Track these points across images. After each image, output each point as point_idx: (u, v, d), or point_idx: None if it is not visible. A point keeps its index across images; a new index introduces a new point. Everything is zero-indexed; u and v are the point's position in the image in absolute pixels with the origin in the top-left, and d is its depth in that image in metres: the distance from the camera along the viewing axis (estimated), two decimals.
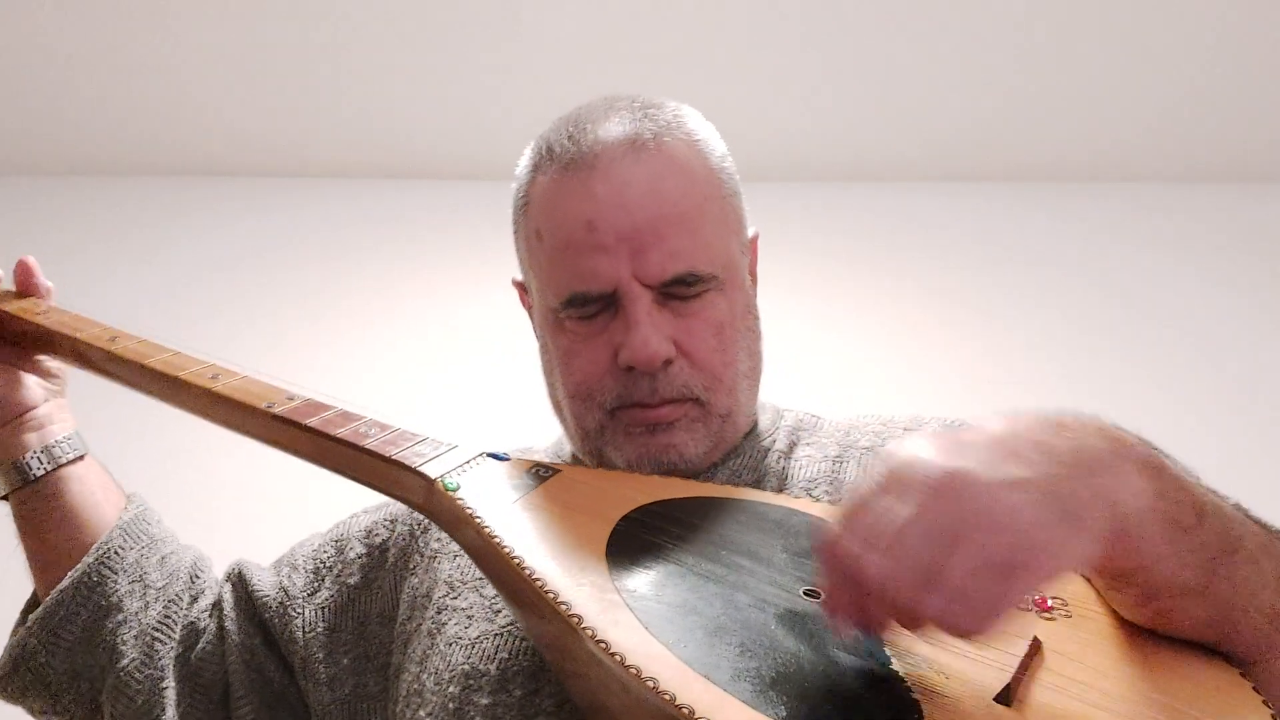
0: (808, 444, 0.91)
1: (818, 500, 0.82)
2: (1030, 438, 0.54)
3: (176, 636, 0.94)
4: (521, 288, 0.98)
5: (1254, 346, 2.58)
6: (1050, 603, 0.64)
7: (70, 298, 1.00)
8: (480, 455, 0.79)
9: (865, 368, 2.57)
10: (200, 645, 0.95)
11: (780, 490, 0.85)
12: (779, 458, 0.90)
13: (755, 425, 0.95)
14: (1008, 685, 0.55)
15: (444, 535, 0.93)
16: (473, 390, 2.52)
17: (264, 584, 0.98)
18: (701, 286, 0.84)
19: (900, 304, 2.70)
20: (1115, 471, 0.54)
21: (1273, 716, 0.55)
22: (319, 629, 0.94)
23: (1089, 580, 0.67)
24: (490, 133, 2.70)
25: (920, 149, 2.78)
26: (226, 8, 2.35)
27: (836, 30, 2.39)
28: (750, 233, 0.95)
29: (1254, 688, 0.57)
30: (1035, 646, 0.59)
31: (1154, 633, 0.61)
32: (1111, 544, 0.54)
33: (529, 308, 0.98)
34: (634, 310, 0.82)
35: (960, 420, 0.91)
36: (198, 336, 2.58)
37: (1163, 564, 0.57)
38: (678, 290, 0.83)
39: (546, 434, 1.05)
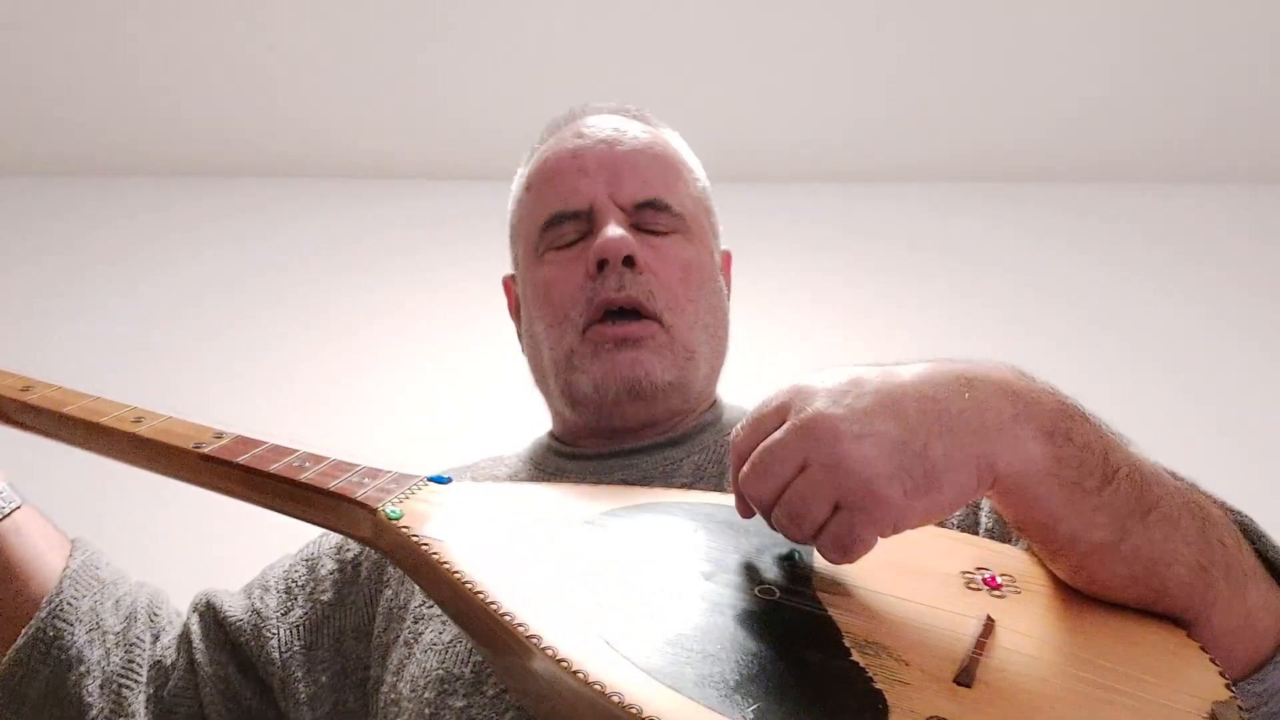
0: None
1: None
2: (924, 393, 0.58)
3: (144, 678, 0.92)
4: (510, 280, 1.07)
5: (1252, 348, 2.61)
6: (999, 581, 0.65)
7: (71, 297, 0.96)
8: (420, 480, 0.78)
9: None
10: (171, 682, 0.93)
11: None
12: None
13: (720, 416, 0.98)
14: (966, 666, 0.56)
15: None
16: (468, 394, 2.51)
17: (235, 609, 0.97)
18: (670, 220, 0.95)
19: (882, 304, 2.71)
20: (1006, 435, 0.58)
21: (1218, 670, 0.57)
22: (295, 648, 0.94)
23: (1032, 554, 0.68)
24: (493, 134, 2.69)
25: (907, 150, 2.80)
26: (228, 8, 2.34)
27: (822, 32, 2.41)
28: (723, 247, 1.05)
29: (1201, 648, 0.59)
30: (989, 625, 0.60)
31: (1100, 603, 0.63)
32: (999, 500, 0.60)
33: (514, 306, 1.06)
34: (605, 219, 0.92)
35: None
36: (198, 336, 2.61)
37: (1064, 522, 0.60)
38: (648, 216, 0.94)
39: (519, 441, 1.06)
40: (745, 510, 0.63)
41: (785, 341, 2.53)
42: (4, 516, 0.91)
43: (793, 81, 2.55)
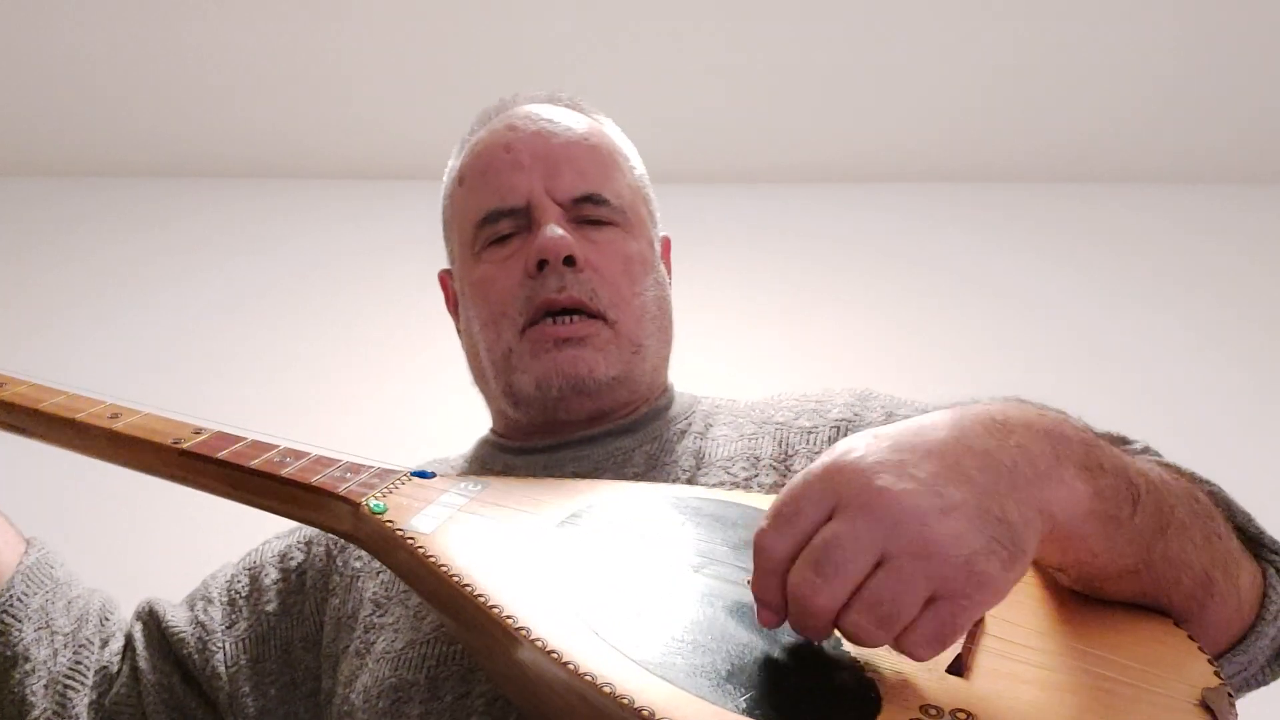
0: (724, 424, 0.93)
1: (739, 484, 0.83)
2: (974, 447, 0.53)
3: (89, 682, 0.90)
4: (446, 275, 1.04)
5: (1254, 348, 2.61)
6: None
7: (72, 297, 0.94)
8: (404, 474, 0.77)
9: (789, 364, 2.58)
10: (115, 689, 0.91)
11: (698, 469, 0.86)
12: (695, 438, 0.91)
13: (669, 404, 0.97)
14: (958, 656, 0.56)
15: (364, 554, 0.91)
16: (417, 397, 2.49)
17: (178, 620, 0.94)
18: (608, 213, 0.93)
19: (828, 302, 2.72)
20: (1055, 479, 0.54)
21: (1206, 657, 0.57)
22: (242, 662, 0.91)
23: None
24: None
25: (879, 150, 2.79)
26: (229, 8, 2.31)
27: (802, 30, 2.40)
28: (661, 234, 1.03)
29: (1189, 636, 0.59)
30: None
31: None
32: (1050, 544, 0.55)
33: (451, 300, 1.03)
34: (544, 216, 0.90)
35: (868, 391, 0.93)
36: (200, 336, 2.59)
37: (1098, 558, 0.58)
38: (586, 210, 0.92)
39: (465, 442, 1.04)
40: (775, 618, 0.53)
41: (748, 340, 2.57)
42: None
43: (775, 81, 2.55)
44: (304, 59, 2.48)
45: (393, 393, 2.50)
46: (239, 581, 0.96)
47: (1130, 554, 0.58)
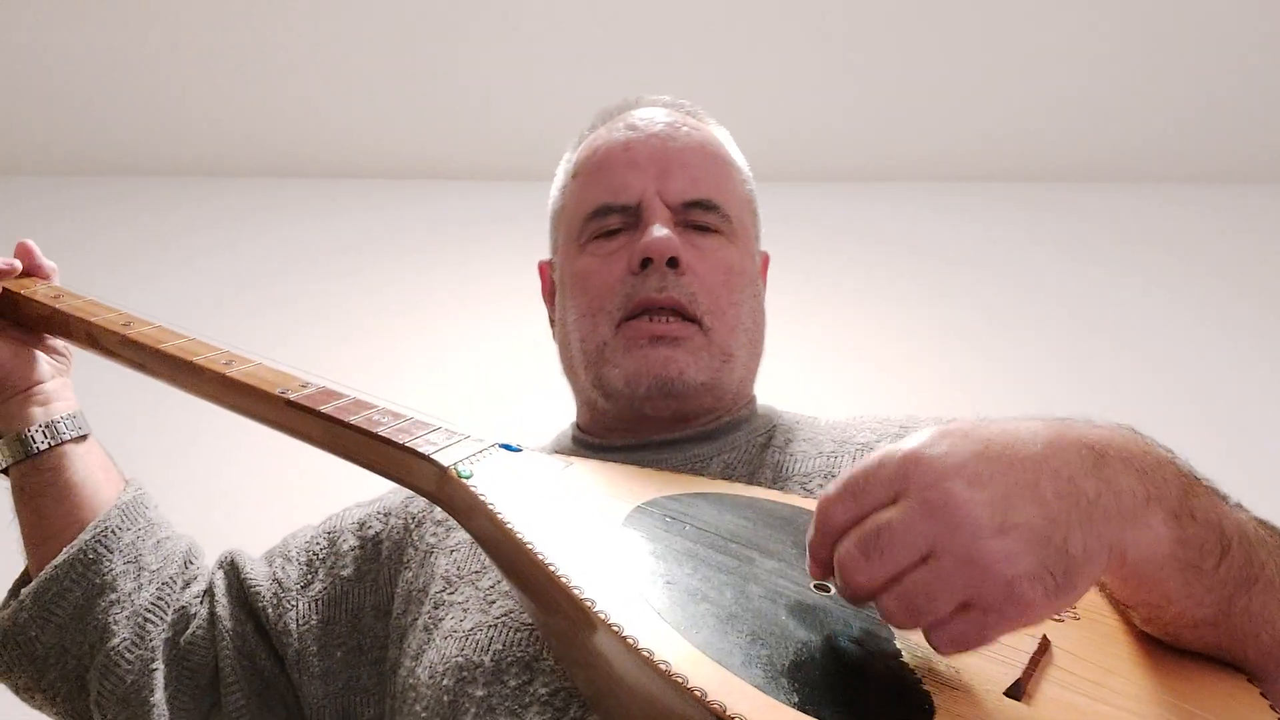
0: (804, 440, 0.93)
1: (812, 494, 0.83)
2: (1058, 470, 0.52)
3: (168, 619, 0.94)
4: (546, 266, 1.05)
5: (1244, 347, 2.61)
6: None
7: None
8: (493, 445, 0.79)
9: (864, 372, 2.59)
10: (191, 630, 0.95)
11: (775, 483, 0.86)
12: (775, 452, 0.91)
13: (752, 416, 0.97)
14: (1018, 680, 0.55)
15: (439, 530, 0.94)
16: (495, 387, 2.54)
17: (257, 574, 0.98)
18: (717, 219, 0.94)
19: (901, 307, 2.73)
20: (1137, 522, 0.53)
21: (1277, 716, 0.56)
22: (313, 622, 0.94)
23: (1101, 588, 0.67)
24: (504, 134, 2.71)
25: (913, 150, 2.81)
26: (230, 8, 2.37)
27: (817, 31, 2.42)
28: (762, 250, 1.04)
29: (1262, 693, 0.58)
30: (1044, 645, 0.59)
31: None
32: (1115, 581, 0.55)
33: (548, 291, 1.05)
34: (652, 216, 0.92)
35: (955, 422, 0.92)
36: (200, 337, 2.63)
37: (1173, 605, 0.57)
38: (695, 216, 0.93)
39: (549, 432, 1.06)
40: (823, 573, 0.56)
41: (791, 347, 2.57)
42: (71, 440, 0.95)
43: (793, 80, 2.57)
44: (303, 59, 2.51)
45: (455, 394, 2.56)
46: (317, 544, 0.99)
47: (1209, 604, 0.57)
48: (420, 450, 0.75)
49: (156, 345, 0.90)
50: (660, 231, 0.90)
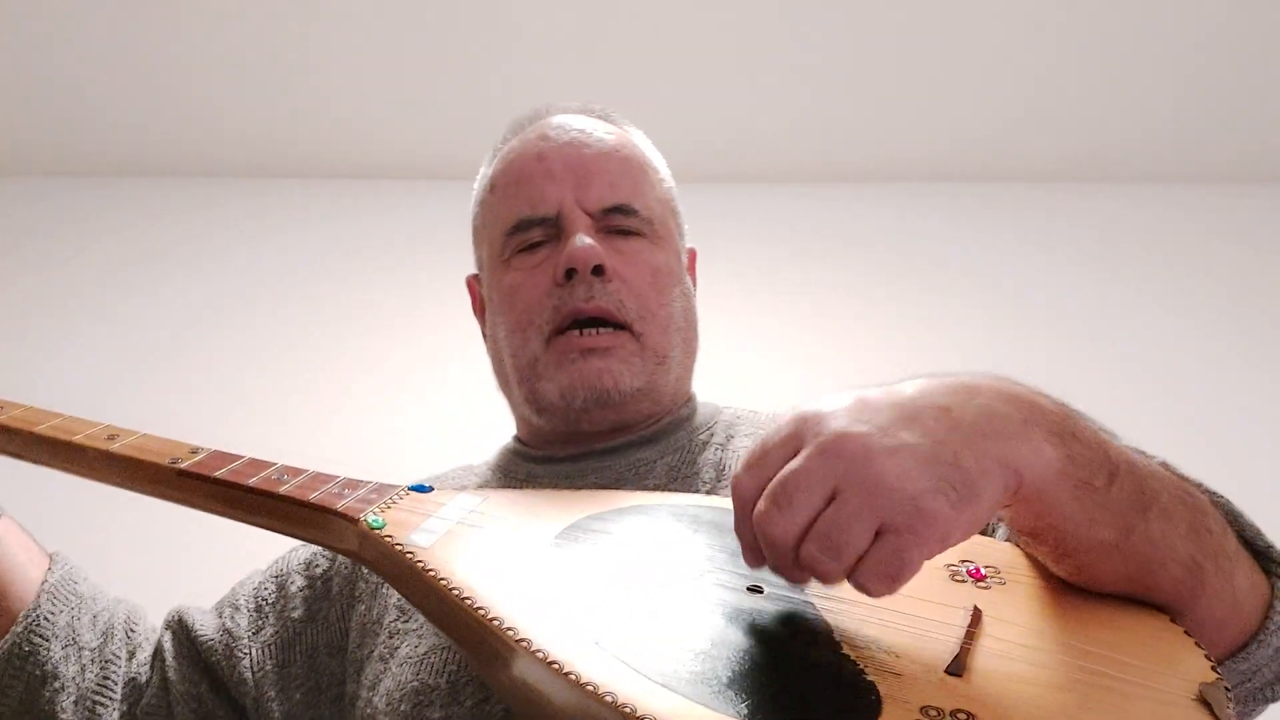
0: (745, 435, 0.94)
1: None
2: (935, 403, 0.56)
3: (118, 695, 0.91)
4: (474, 280, 1.05)
5: (1240, 349, 2.62)
6: (984, 572, 0.66)
7: (72, 298, 0.94)
8: (402, 489, 0.77)
9: (810, 368, 2.58)
10: (144, 700, 0.92)
11: (718, 481, 0.87)
12: (716, 449, 0.92)
13: (692, 415, 0.98)
14: (956, 656, 0.56)
15: None
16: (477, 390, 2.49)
17: (207, 627, 0.96)
18: (637, 224, 0.94)
19: (851, 305, 2.72)
20: (1021, 438, 0.56)
21: (1203, 653, 0.58)
22: (268, 667, 0.92)
23: (1017, 545, 0.68)
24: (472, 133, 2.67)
25: (887, 150, 2.81)
26: (230, 8, 2.33)
27: (808, 29, 2.42)
28: (689, 245, 1.05)
29: (1186, 632, 0.60)
30: (976, 616, 0.60)
31: (1086, 591, 0.63)
32: (1018, 506, 0.57)
33: (478, 305, 1.05)
34: (573, 226, 0.91)
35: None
36: (201, 337, 2.59)
37: (1073, 523, 0.59)
38: (616, 221, 0.93)
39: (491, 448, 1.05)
40: (755, 558, 0.57)
41: (767, 342, 2.58)
42: None
43: (782, 82, 2.57)
44: (300, 59, 2.49)
45: (399, 401, 2.51)
46: (266, 589, 0.98)
47: (1107, 525, 0.59)
48: (327, 505, 0.73)
49: (30, 428, 0.85)
50: (582, 241, 0.90)
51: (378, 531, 0.70)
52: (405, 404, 2.49)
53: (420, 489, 0.78)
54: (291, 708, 0.91)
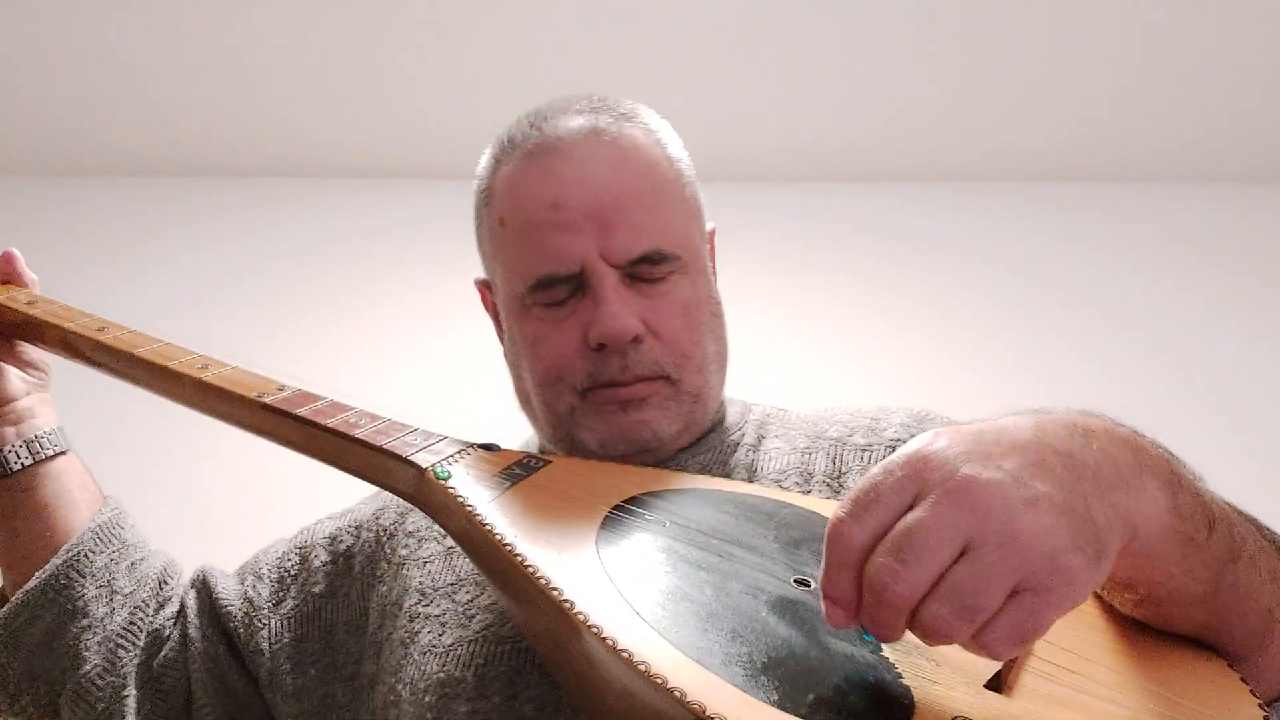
0: (776, 436, 0.92)
1: (788, 491, 0.83)
2: (1058, 448, 0.51)
3: (141, 644, 0.93)
4: (484, 286, 0.99)
5: (1257, 347, 2.61)
6: None
7: (69, 299, 0.99)
8: (471, 446, 0.79)
9: (838, 365, 2.59)
10: (163, 653, 0.94)
11: (750, 482, 0.86)
12: (747, 450, 0.90)
13: (723, 418, 0.95)
14: (998, 672, 0.55)
15: (410, 542, 0.93)
16: (468, 387, 2.53)
17: (229, 593, 0.97)
18: (667, 267, 0.87)
19: (876, 302, 2.73)
20: (1137, 489, 0.53)
21: (1257, 702, 0.56)
22: (285, 640, 0.93)
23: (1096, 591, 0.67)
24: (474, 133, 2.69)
25: (906, 151, 2.81)
26: (230, 8, 2.36)
27: (809, 30, 2.41)
28: (709, 226, 0.97)
29: (1241, 679, 0.58)
30: None
31: (1143, 624, 0.62)
32: (1128, 560, 0.54)
33: (491, 308, 0.99)
34: (602, 288, 0.84)
35: (926, 412, 0.92)
36: (197, 338, 2.61)
37: (1170, 577, 0.56)
38: (644, 270, 0.86)
39: (516, 435, 1.04)
40: (847, 614, 0.50)
41: (790, 342, 2.59)
42: (49, 458, 0.93)
43: (793, 83, 2.56)
44: (298, 60, 2.51)
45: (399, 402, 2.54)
46: (289, 560, 0.98)
47: (1203, 580, 0.57)
48: (398, 452, 0.75)
49: (132, 350, 0.89)
50: (613, 313, 0.83)
51: (443, 482, 0.72)
52: (406, 404, 2.53)
53: (488, 448, 0.79)
54: (306, 682, 0.92)
